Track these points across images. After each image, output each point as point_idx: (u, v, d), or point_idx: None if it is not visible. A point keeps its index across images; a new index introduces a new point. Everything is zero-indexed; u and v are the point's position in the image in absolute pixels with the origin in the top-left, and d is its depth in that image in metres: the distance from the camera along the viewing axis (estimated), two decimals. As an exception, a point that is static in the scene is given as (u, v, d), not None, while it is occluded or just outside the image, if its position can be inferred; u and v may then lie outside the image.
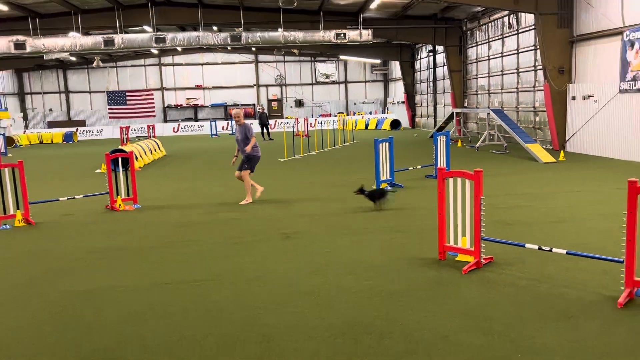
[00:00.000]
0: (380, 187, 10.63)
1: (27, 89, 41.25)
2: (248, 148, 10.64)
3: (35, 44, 22.79)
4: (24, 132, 37.67)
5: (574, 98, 17.99)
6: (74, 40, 23.73)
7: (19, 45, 22.39)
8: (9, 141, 31.38)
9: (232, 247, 7.66)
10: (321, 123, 37.04)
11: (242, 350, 4.41)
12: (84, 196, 11.75)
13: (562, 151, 17.18)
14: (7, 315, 5.38)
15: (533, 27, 20.19)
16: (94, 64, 38.10)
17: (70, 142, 35.81)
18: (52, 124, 40.65)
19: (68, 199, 11.50)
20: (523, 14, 21.28)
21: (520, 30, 22.28)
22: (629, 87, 15.17)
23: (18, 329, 5.07)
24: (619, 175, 12.54)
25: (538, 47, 19.48)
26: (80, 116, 41.49)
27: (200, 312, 5.29)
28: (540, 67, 19.62)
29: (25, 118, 40.95)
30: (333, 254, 7.08)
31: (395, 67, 38.51)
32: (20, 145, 34.33)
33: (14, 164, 9.62)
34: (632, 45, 14.95)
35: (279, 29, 24.81)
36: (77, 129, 37.96)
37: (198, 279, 6.30)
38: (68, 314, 5.37)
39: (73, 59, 35.24)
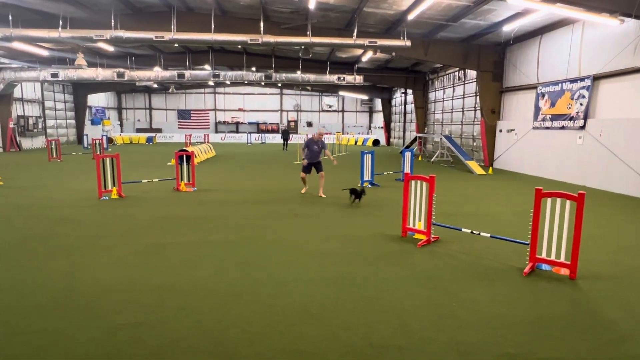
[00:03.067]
0: (361, 187, 9.92)
1: (123, 105, 41.23)
2: (331, 158, 10.27)
3: (130, 74, 22.79)
4: (120, 134, 37.70)
5: (500, 131, 17.95)
6: (157, 73, 23.72)
7: (120, 75, 22.40)
8: (110, 140, 31.45)
9: (257, 220, 7.67)
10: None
11: (263, 290, 4.45)
12: (159, 180, 11.79)
13: (490, 167, 17.14)
14: (103, 256, 5.44)
15: (475, 80, 20.14)
16: (170, 90, 38.14)
17: (151, 143, 35.81)
18: (139, 130, 40.63)
19: (148, 181, 11.54)
20: (469, 70, 21.23)
21: (466, 82, 22.21)
22: (539, 125, 15.14)
23: (109, 265, 5.13)
24: (529, 185, 12.53)
25: (478, 94, 19.43)
26: (159, 125, 41.46)
27: (233, 262, 5.33)
28: (479, 108, 19.57)
29: (121, 125, 40.96)
30: (328, 229, 7.10)
31: (378, 103, 38.38)
32: (117, 143, 34.38)
33: (113, 155, 9.68)
34: (543, 96, 14.92)
35: (298, 72, 24.77)
36: (156, 135, 37.94)
37: (232, 240, 6.33)
38: (144, 258, 5.41)
39: (156, 86, 35.21)
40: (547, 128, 14.66)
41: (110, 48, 21.62)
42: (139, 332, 3.53)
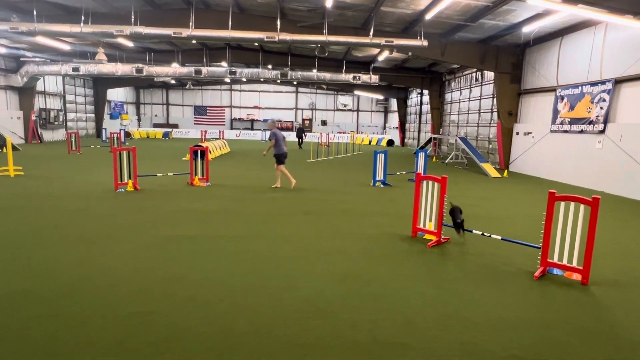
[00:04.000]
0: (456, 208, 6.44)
1: (141, 100, 41.93)
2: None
3: (149, 70, 23.18)
4: (137, 129, 38.35)
5: (517, 133, 17.68)
6: (175, 69, 24.06)
7: (139, 70, 22.80)
8: (127, 134, 32.04)
9: (268, 216, 7.74)
10: (338, 137, 37.02)
11: (272, 284, 4.52)
12: (173, 174, 11.99)
13: (506, 170, 16.92)
14: (117, 247, 5.58)
15: (492, 81, 19.89)
16: (187, 86, 38.68)
17: (167, 138, 36.36)
18: (156, 125, 41.27)
19: (163, 175, 11.75)
20: (486, 72, 20.96)
21: (483, 83, 21.93)
22: (557, 128, 14.87)
23: (123, 254, 5.26)
24: (543, 189, 12.34)
25: (495, 95, 19.18)
26: (175, 121, 42.04)
27: (243, 256, 5.41)
28: (496, 110, 19.32)
29: (139, 120, 41.67)
30: (338, 227, 7.13)
31: (393, 102, 38.18)
32: (134, 137, 34.99)
33: (130, 149, 9.88)
34: (562, 99, 14.65)
35: (314, 70, 24.82)
36: (172, 130, 38.49)
37: (243, 235, 6.42)
38: (156, 250, 5.54)
39: (173, 82, 35.74)
40: (566, 132, 14.40)
41: (129, 44, 22.06)
42: (150, 320, 3.63)
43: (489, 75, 20.73)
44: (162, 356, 3.10)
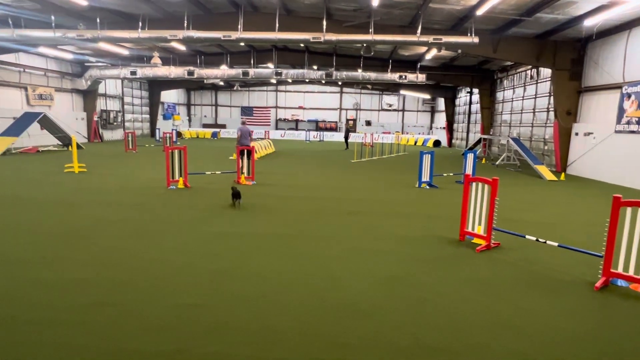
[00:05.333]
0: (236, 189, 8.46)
1: (192, 102, 43.82)
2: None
3: (200, 72, 24.17)
4: (188, 129, 40.12)
5: (577, 134, 16.58)
6: (224, 71, 24.91)
7: (190, 73, 23.86)
8: (179, 134, 33.63)
9: (312, 215, 7.81)
10: (382, 138, 36.60)
11: (315, 283, 4.55)
12: (221, 172, 12.42)
13: (563, 173, 15.92)
14: (168, 241, 5.87)
15: (549, 79, 18.80)
16: (234, 88, 39.91)
17: (215, 138, 37.72)
18: (205, 125, 42.94)
19: (211, 173, 12.21)
20: (542, 68, 19.84)
21: (539, 81, 20.78)
22: (623, 128, 13.77)
23: (173, 248, 5.52)
24: (606, 193, 11.48)
25: (552, 94, 18.11)
26: (223, 121, 43.50)
27: (286, 254, 5.49)
28: (552, 109, 18.24)
29: (189, 120, 43.56)
30: (382, 228, 7.05)
31: (440, 102, 37.17)
32: (185, 137, 36.63)
33: (181, 148, 10.33)
34: (629, 96, 13.56)
35: (359, 70, 24.71)
36: (220, 130, 39.87)
37: (287, 233, 6.52)
38: (204, 245, 5.76)
39: (222, 83, 37.03)
40: (633, 132, 13.30)
41: (182, 47, 23.13)
42: (198, 312, 3.78)
43: (546, 72, 19.61)
44: (208, 347, 3.22)
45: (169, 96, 39.30)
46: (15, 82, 22.08)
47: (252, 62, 25.32)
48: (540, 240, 5.67)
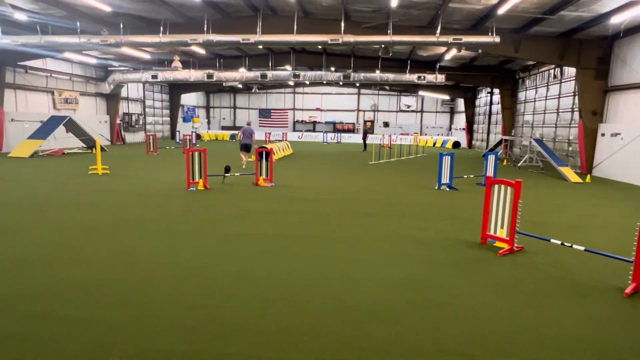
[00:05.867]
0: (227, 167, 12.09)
1: (211, 104, 44.49)
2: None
3: (219, 75, 24.52)
4: (207, 131, 40.71)
5: (603, 135, 16.09)
6: (242, 74, 25.20)
7: (209, 76, 24.22)
8: (198, 136, 34.18)
9: (330, 217, 7.80)
10: (401, 139, 36.32)
11: (333, 285, 4.54)
12: (240, 174, 12.54)
13: (588, 175, 15.47)
14: (189, 242, 5.96)
15: (574, 78, 18.31)
16: (253, 90, 40.33)
17: (234, 140, 38.12)
18: (224, 128, 43.50)
19: (230, 175, 12.33)
20: (566, 68, 19.34)
21: (562, 80, 20.26)
22: (653, 128, 13.30)
23: (195, 249, 5.60)
24: (635, 196, 11.09)
25: (577, 93, 17.63)
26: (242, 123, 43.84)
27: (305, 256, 5.50)
28: (577, 109, 17.75)
29: (209, 122, 44.21)
30: (401, 230, 7.00)
31: (460, 103, 36.67)
32: (204, 139, 37.18)
33: (201, 150, 10.48)
34: (659, 95, 13.08)
35: (377, 71, 24.60)
36: (238, 132, 40.27)
37: (305, 235, 6.53)
38: (224, 246, 5.82)
39: (240, 86, 37.44)
40: (663, 133, 12.82)
41: (201, 51, 23.53)
42: (218, 312, 3.83)
43: (570, 71, 19.11)
44: (228, 348, 3.25)
45: (189, 99, 39.97)
46: (42, 87, 22.85)
47: (270, 64, 25.52)
48: (565, 244, 5.51)
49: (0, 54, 18.78)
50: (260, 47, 19.32)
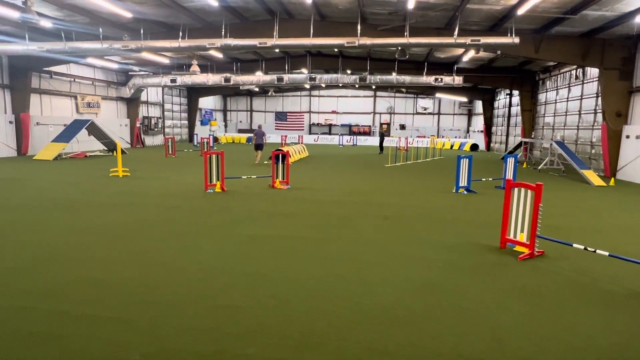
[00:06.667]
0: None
1: (228, 107, 44.98)
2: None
3: (236, 79, 24.79)
4: (224, 134, 41.16)
5: (628, 137, 15.62)
6: (259, 77, 25.41)
7: (227, 80, 24.52)
8: (215, 139, 34.60)
9: (347, 220, 7.77)
10: (417, 142, 36.01)
11: (350, 288, 4.52)
12: (256, 177, 12.64)
13: (613, 178, 15.03)
14: (206, 243, 6.02)
15: (597, 79, 17.84)
16: (269, 94, 40.61)
17: (250, 143, 38.40)
18: (240, 130, 43.87)
19: (247, 177, 12.45)
20: (589, 68, 18.87)
21: (585, 81, 19.76)
22: (681, 130, 12.83)
23: (212, 251, 5.66)
24: (663, 201, 10.72)
25: (600, 94, 17.17)
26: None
27: (321, 258, 5.49)
28: (600, 110, 17.29)
29: (226, 125, 44.70)
30: (419, 233, 6.92)
31: (478, 105, 36.15)
32: (221, 142, 37.60)
33: (218, 153, 10.60)
34: (688, 96, 12.63)
35: (393, 73, 24.47)
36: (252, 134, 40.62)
37: (321, 237, 6.52)
38: (241, 248, 5.86)
39: (257, 89, 37.76)
40: (692, 134, 12.37)
41: (219, 55, 23.83)
42: (235, 313, 3.85)
43: (593, 72, 18.63)
44: (245, 349, 3.26)
45: (207, 102, 40.51)
46: (66, 91, 23.52)
47: (286, 67, 25.67)
48: (589, 249, 5.36)
49: (27, 60, 19.43)
50: (277, 50, 19.45)
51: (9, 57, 19.57)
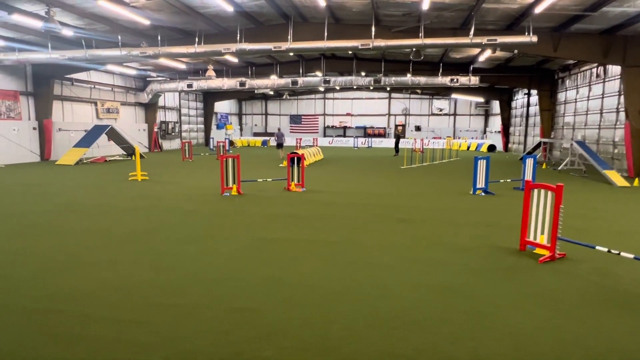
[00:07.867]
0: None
1: (243, 111, 45.44)
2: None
3: (251, 83, 25.03)
4: (240, 138, 41.56)
5: (652, 135, 15.16)
6: (274, 81, 25.60)
7: (242, 84, 24.78)
8: (231, 143, 34.99)
9: (363, 223, 7.74)
10: (433, 143, 35.67)
11: (366, 291, 4.49)
12: (272, 180, 12.71)
13: (637, 179, 14.58)
14: (223, 246, 6.08)
15: (619, 77, 17.38)
16: (284, 97, 40.89)
17: (265, 146, 38.71)
18: (255, 134, 44.25)
19: (262, 180, 12.53)
20: (610, 66, 18.40)
21: (606, 79, 19.27)
22: None
23: (228, 254, 5.71)
24: (691, 202, 10.35)
25: (622, 93, 16.71)
26: (273, 130, 44.43)
27: (337, 261, 5.48)
28: (623, 109, 16.82)
29: (241, 129, 45.13)
30: (435, 236, 6.85)
31: (495, 105, 35.62)
32: (237, 146, 37.97)
33: (234, 156, 10.71)
34: None
35: (408, 75, 24.32)
36: (270, 138, 40.87)
37: (337, 240, 6.51)
38: (257, 251, 5.90)
39: (271, 93, 38.03)
40: None
41: (234, 60, 24.11)
42: (252, 316, 3.88)
43: (614, 70, 18.16)
44: (262, 352, 3.28)
45: (222, 107, 40.99)
46: (86, 98, 24.15)
47: (300, 71, 25.80)
48: (612, 251, 5.21)
49: (49, 68, 20.03)
50: (291, 54, 19.57)
51: (33, 66, 20.21)
